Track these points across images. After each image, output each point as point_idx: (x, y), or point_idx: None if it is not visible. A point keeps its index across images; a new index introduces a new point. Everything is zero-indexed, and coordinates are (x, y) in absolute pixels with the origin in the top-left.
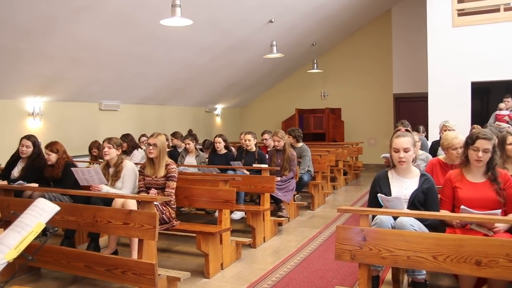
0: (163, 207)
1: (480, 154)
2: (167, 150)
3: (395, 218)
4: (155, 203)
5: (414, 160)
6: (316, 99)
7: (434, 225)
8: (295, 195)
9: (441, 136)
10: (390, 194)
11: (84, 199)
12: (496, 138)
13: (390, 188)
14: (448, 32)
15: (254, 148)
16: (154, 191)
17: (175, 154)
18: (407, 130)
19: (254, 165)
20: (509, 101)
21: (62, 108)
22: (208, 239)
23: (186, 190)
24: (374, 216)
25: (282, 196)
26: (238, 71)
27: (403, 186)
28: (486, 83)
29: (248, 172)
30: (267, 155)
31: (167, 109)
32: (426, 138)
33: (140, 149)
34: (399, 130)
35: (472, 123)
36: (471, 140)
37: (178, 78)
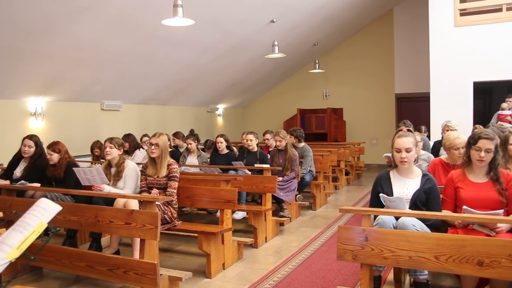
0: (165, 207)
1: (482, 154)
2: (169, 150)
3: (397, 218)
4: (157, 203)
5: (416, 160)
6: (318, 99)
7: (436, 225)
8: (296, 195)
9: (443, 136)
10: (392, 194)
11: (86, 199)
12: (498, 138)
13: (392, 188)
14: (450, 31)
15: (256, 148)
16: (156, 191)
17: (176, 154)
18: (409, 130)
19: (256, 165)
20: (511, 101)
21: (64, 108)
22: (210, 239)
23: (187, 190)
24: (376, 216)
25: (284, 196)
26: (240, 71)
27: (405, 186)
28: (488, 83)
29: (249, 172)
30: (268, 155)
31: (169, 109)
32: (428, 138)
33: (142, 149)
34: (401, 130)
35: (474, 123)
36: (473, 140)
37: (180, 78)
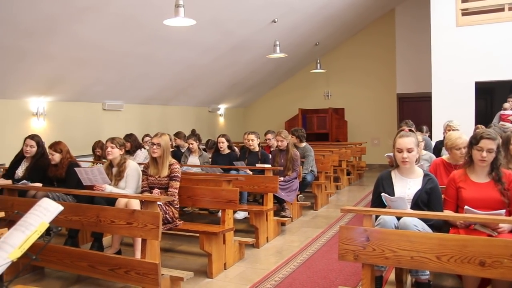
0: (166, 207)
1: (484, 154)
2: (170, 150)
3: (399, 218)
4: (158, 203)
5: (418, 160)
6: (319, 99)
7: (438, 225)
8: (298, 195)
9: (444, 136)
10: (394, 194)
11: (88, 198)
12: (500, 138)
13: (393, 188)
14: (452, 31)
15: (257, 148)
16: (157, 191)
17: (178, 154)
18: (410, 130)
19: (257, 165)
20: None
21: (66, 108)
22: (211, 239)
23: (189, 190)
24: (377, 216)
25: (285, 196)
26: (241, 71)
27: (407, 186)
28: (490, 82)
29: (251, 172)
30: (270, 155)
31: (170, 109)
32: (430, 138)
33: (144, 149)
34: (403, 130)
35: (476, 123)
36: (475, 140)
37: (181, 78)
